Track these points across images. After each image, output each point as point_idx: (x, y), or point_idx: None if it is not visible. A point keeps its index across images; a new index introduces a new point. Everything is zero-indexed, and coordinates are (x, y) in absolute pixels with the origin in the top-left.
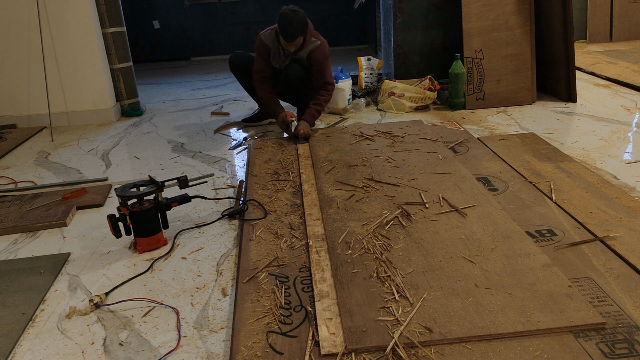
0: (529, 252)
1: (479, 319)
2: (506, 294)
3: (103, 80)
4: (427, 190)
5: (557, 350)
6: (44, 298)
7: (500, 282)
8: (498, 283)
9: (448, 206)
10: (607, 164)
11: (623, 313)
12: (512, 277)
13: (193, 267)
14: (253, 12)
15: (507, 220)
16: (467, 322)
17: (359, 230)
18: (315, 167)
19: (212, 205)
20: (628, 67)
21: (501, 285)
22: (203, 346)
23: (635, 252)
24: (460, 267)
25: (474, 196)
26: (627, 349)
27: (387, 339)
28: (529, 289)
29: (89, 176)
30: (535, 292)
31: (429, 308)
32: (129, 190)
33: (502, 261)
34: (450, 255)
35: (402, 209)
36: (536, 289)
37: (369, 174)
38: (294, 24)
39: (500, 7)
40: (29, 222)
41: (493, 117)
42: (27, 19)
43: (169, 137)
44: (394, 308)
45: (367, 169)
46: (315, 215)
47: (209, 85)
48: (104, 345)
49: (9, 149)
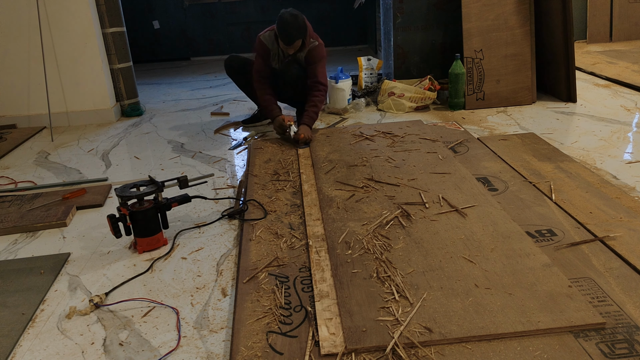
0: (528, 252)
1: (479, 319)
2: (506, 294)
3: (103, 80)
4: (427, 190)
5: (557, 350)
6: (44, 298)
7: (500, 282)
8: (498, 283)
9: (448, 206)
10: (607, 164)
11: (623, 313)
12: (512, 277)
13: (193, 267)
14: (253, 12)
15: (507, 220)
16: (467, 322)
17: (359, 231)
18: (315, 167)
19: (212, 205)
20: (628, 67)
21: (501, 285)
22: (203, 346)
23: (635, 252)
24: (460, 267)
25: (473, 196)
26: (627, 349)
27: (387, 339)
28: (528, 289)
29: (89, 176)
30: (535, 292)
31: (429, 308)
32: (129, 190)
33: (502, 261)
34: (451, 255)
35: (402, 209)
36: (536, 289)
37: (369, 174)
38: (293, 28)
39: (500, 7)
40: (29, 222)
41: (493, 117)
42: (27, 19)
43: (169, 137)
44: (393, 308)
45: (367, 169)
46: (315, 215)
47: (209, 85)
48: (104, 345)
49: (9, 149)
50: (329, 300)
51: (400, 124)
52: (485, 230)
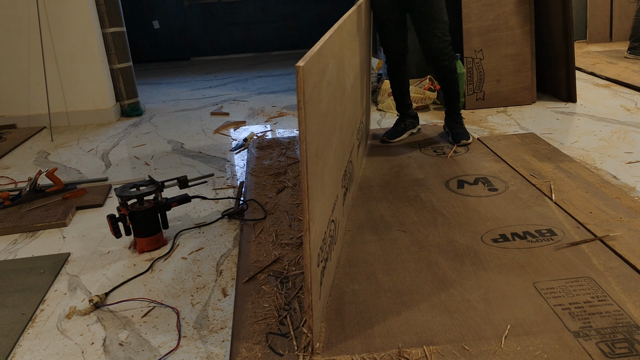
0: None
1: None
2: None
3: (103, 80)
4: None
5: (557, 350)
6: (43, 298)
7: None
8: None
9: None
10: (607, 164)
11: (623, 313)
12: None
13: (193, 267)
14: (253, 12)
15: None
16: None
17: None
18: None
19: (212, 205)
20: (628, 67)
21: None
22: (203, 346)
23: (635, 252)
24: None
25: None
26: (627, 349)
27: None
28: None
29: (89, 176)
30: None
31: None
32: (128, 190)
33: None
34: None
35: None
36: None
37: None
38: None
39: (500, 7)
40: (29, 222)
41: (493, 117)
42: (27, 19)
43: (169, 137)
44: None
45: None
46: None
47: (209, 85)
48: (103, 346)
49: (9, 149)
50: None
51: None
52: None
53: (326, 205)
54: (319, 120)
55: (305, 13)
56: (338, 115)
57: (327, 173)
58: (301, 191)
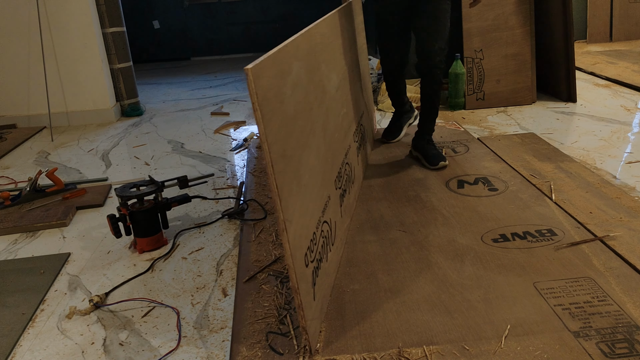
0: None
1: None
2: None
3: (103, 80)
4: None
5: (557, 350)
6: (43, 298)
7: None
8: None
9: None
10: (607, 164)
11: (623, 313)
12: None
13: (193, 267)
14: (253, 12)
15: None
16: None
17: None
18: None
19: (212, 205)
20: (628, 67)
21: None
22: (203, 346)
23: (635, 252)
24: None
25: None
26: (627, 349)
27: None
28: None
29: (89, 176)
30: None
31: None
32: (129, 190)
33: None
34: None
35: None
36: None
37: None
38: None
39: (500, 7)
40: (29, 222)
41: (493, 117)
42: (27, 19)
43: (169, 137)
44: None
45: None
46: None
47: (209, 85)
48: (104, 345)
49: (9, 149)
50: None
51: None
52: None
53: (312, 206)
54: (283, 121)
55: (305, 13)
56: (318, 117)
57: (308, 173)
58: (271, 191)
